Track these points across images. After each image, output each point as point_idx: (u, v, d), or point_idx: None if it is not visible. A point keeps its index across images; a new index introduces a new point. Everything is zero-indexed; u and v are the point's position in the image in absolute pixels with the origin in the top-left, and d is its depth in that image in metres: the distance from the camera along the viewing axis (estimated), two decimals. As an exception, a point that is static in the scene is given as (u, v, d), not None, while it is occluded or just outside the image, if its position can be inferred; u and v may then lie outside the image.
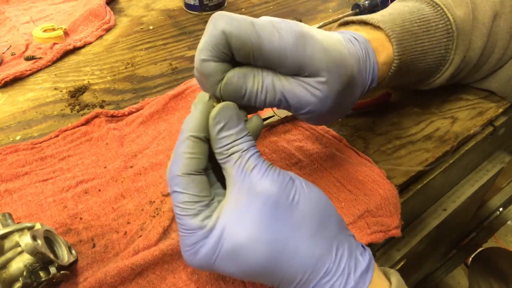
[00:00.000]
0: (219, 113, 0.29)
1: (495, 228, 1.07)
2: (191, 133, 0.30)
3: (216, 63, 0.30)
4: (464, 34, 0.45)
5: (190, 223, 0.29)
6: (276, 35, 0.30)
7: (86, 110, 0.55)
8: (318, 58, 0.31)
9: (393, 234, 0.41)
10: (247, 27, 0.29)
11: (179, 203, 0.29)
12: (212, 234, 0.29)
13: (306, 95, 0.32)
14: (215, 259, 0.29)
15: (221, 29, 0.29)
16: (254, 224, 0.28)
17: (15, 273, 0.31)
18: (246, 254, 0.28)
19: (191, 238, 0.29)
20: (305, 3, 0.83)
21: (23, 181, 0.44)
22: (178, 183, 0.29)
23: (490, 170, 0.66)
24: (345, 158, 0.46)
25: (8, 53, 0.67)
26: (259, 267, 0.28)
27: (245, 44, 0.29)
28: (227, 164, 0.30)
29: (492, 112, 0.52)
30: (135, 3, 0.86)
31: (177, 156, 0.30)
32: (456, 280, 1.36)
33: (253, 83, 0.31)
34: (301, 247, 0.29)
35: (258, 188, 0.28)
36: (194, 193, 0.29)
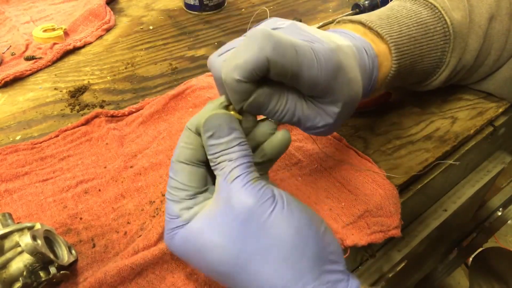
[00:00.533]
0: (208, 122, 0.30)
1: (495, 228, 1.07)
2: (189, 126, 0.31)
3: (249, 85, 0.29)
4: (461, 37, 0.45)
5: (170, 208, 0.31)
6: (315, 66, 0.30)
7: (86, 110, 0.55)
8: (344, 91, 0.33)
9: (393, 234, 0.41)
10: (292, 56, 0.28)
11: (168, 187, 0.31)
12: (187, 226, 0.30)
13: (320, 121, 0.33)
14: (185, 249, 0.30)
15: (266, 56, 0.27)
16: (223, 234, 0.28)
17: (15, 273, 0.31)
18: (211, 258, 0.29)
19: (170, 223, 0.31)
20: (305, 3, 0.83)
21: (23, 181, 0.44)
22: (171, 168, 0.31)
23: (491, 170, 0.66)
24: (345, 158, 0.46)
25: (8, 53, 0.67)
26: (222, 272, 0.29)
27: (286, 73, 0.29)
28: (216, 171, 0.30)
29: (492, 112, 0.52)
30: (135, 3, 0.86)
31: (177, 145, 0.32)
32: (456, 280, 1.36)
33: (276, 103, 0.31)
34: (264, 272, 0.27)
35: (233, 199, 0.28)
36: (182, 181, 0.30)
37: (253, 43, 0.28)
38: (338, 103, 0.33)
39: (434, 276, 1.11)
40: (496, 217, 1.03)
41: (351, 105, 0.34)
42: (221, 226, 0.28)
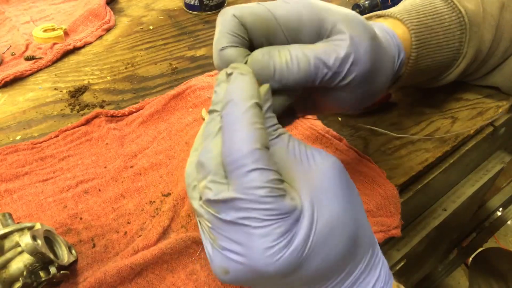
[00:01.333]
0: (268, 91, 0.27)
1: (495, 228, 1.07)
2: (255, 100, 0.25)
3: (235, 48, 0.28)
4: (476, 26, 0.45)
5: (282, 205, 0.23)
6: (288, 3, 0.29)
7: (86, 110, 0.55)
8: (333, 12, 0.30)
9: (393, 234, 0.41)
10: (257, 6, 0.29)
11: (266, 183, 0.23)
12: (303, 217, 0.24)
13: (338, 50, 0.29)
14: (308, 248, 0.24)
15: (231, 14, 0.28)
16: (340, 198, 0.25)
17: (15, 273, 0.31)
18: (340, 229, 0.25)
19: (285, 224, 0.23)
20: (305, 3, 0.83)
21: (23, 181, 0.44)
22: (258, 158, 0.23)
23: (490, 170, 0.66)
24: (345, 158, 0.46)
25: (8, 53, 0.67)
26: (346, 248, 0.26)
27: (258, 17, 0.28)
28: (276, 145, 0.26)
29: (492, 112, 0.52)
30: (135, 3, 0.86)
31: (242, 128, 0.24)
32: (456, 280, 1.36)
33: (280, 57, 0.28)
34: (366, 222, 0.28)
35: (330, 163, 0.26)
36: (277, 169, 0.25)
37: (218, 17, 0.29)
38: (340, 27, 0.29)
39: (434, 276, 1.12)
40: (496, 217, 1.03)
41: (363, 31, 0.30)
42: (336, 189, 0.26)
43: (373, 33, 0.31)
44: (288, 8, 0.29)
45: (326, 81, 0.30)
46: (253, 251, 0.24)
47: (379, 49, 0.33)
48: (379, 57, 0.33)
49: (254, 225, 0.23)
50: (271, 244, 0.23)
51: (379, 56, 0.33)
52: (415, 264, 0.80)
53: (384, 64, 0.34)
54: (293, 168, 0.26)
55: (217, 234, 0.25)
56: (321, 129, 0.49)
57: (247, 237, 0.24)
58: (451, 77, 0.48)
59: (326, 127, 0.49)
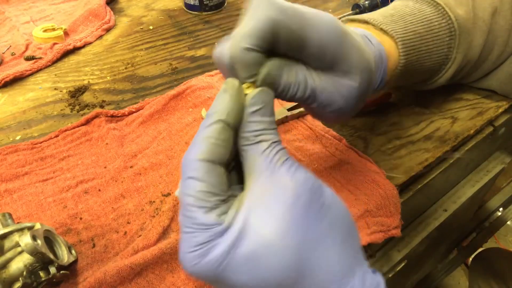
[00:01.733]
0: (258, 94, 0.27)
1: (495, 228, 1.07)
2: (222, 117, 0.26)
3: (259, 54, 0.27)
4: (466, 32, 0.45)
5: (203, 217, 0.24)
6: (323, 28, 0.28)
7: (86, 110, 0.55)
8: (354, 57, 0.31)
9: (393, 234, 0.41)
10: (298, 17, 0.27)
11: (195, 192, 0.25)
12: (230, 232, 0.24)
13: (335, 94, 0.31)
14: (225, 264, 0.24)
15: (272, 18, 0.26)
16: (283, 220, 0.24)
17: (15, 273, 0.31)
18: (270, 257, 0.24)
19: (201, 236, 0.24)
20: (305, 3, 0.83)
21: (23, 181, 0.44)
22: (196, 168, 0.25)
23: (491, 170, 0.66)
24: (345, 158, 0.46)
25: (8, 53, 0.67)
26: (280, 276, 0.24)
27: (294, 35, 0.28)
28: (252, 151, 0.26)
29: (492, 112, 0.52)
30: (135, 3, 0.86)
31: (200, 141, 0.26)
32: (456, 280, 1.36)
33: (287, 76, 0.29)
34: (330, 256, 0.25)
35: (290, 182, 0.25)
36: (214, 183, 0.25)
37: (257, 9, 0.27)
38: (353, 72, 0.31)
39: (434, 276, 1.12)
40: (496, 217, 1.03)
41: (367, 78, 0.32)
42: (281, 211, 0.24)
43: (372, 76, 0.33)
44: (323, 36, 0.29)
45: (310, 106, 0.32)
46: (180, 250, 0.26)
47: (370, 70, 0.34)
48: (369, 74, 0.34)
49: (183, 226, 0.25)
50: (189, 250, 0.25)
51: (370, 73, 0.34)
52: (415, 264, 0.80)
53: (370, 68, 0.35)
54: (255, 177, 0.26)
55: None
56: (321, 129, 0.49)
57: (181, 234, 0.26)
58: (441, 81, 0.48)
59: (326, 127, 0.49)
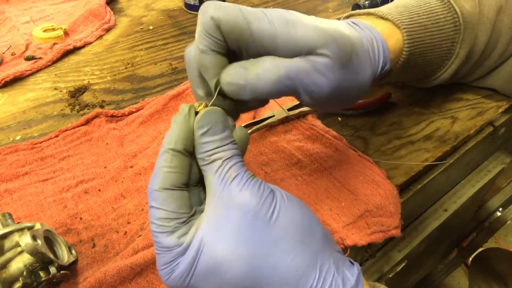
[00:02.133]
0: (203, 117, 0.29)
1: (495, 228, 1.07)
2: (170, 146, 0.28)
3: (215, 55, 0.29)
4: (471, 27, 0.45)
5: (165, 240, 0.27)
6: (265, 19, 0.29)
7: (86, 110, 0.55)
8: (311, 35, 0.30)
9: (393, 234, 0.41)
10: (235, 12, 0.29)
11: (155, 220, 0.28)
12: (189, 251, 0.27)
13: (311, 71, 0.30)
14: (190, 278, 0.27)
15: (210, 16, 0.28)
16: (232, 237, 0.27)
17: (15, 273, 0.31)
18: (224, 270, 0.27)
19: (166, 256, 0.27)
20: (305, 3, 0.83)
21: (23, 181, 0.44)
22: (155, 198, 0.28)
23: (491, 170, 0.66)
24: (345, 158, 0.46)
25: (8, 53, 0.67)
26: (238, 285, 0.27)
27: (234, 27, 0.29)
28: (208, 171, 0.28)
29: (492, 112, 0.52)
30: (135, 3, 0.86)
31: (156, 171, 0.28)
32: (456, 280, 1.36)
33: (251, 70, 0.30)
34: (282, 262, 0.27)
35: (237, 199, 0.27)
36: (171, 210, 0.28)
37: (199, 15, 0.30)
38: (318, 48, 0.30)
39: (434, 276, 1.12)
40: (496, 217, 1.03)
41: (341, 50, 0.31)
42: (230, 230, 0.27)
43: (346, 56, 0.32)
44: (264, 27, 0.29)
45: (296, 94, 0.32)
46: (156, 266, 0.29)
47: (353, 68, 0.33)
48: (354, 68, 0.33)
49: (155, 248, 0.29)
50: (160, 267, 0.28)
51: (355, 67, 0.33)
52: (415, 264, 0.80)
53: (360, 71, 0.34)
54: (210, 197, 0.28)
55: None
56: (321, 129, 0.49)
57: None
58: (445, 76, 0.48)
59: (326, 127, 0.49)
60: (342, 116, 0.52)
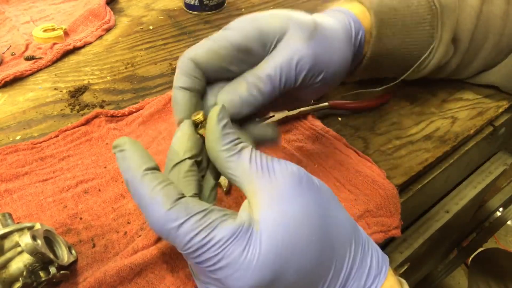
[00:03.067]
0: (222, 110, 0.29)
1: (495, 228, 1.07)
2: (144, 167, 0.27)
3: (185, 93, 0.31)
4: (449, 11, 0.45)
5: (225, 229, 0.25)
6: (237, 28, 0.33)
7: (86, 110, 0.55)
8: (270, 22, 0.33)
9: (393, 234, 0.41)
10: (210, 43, 0.33)
11: (196, 229, 0.25)
12: (262, 225, 0.26)
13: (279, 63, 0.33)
14: (277, 253, 0.25)
15: (187, 57, 0.32)
16: (300, 199, 0.27)
17: (15, 273, 0.31)
18: (303, 232, 0.26)
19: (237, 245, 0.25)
20: (305, 3, 0.83)
21: (23, 181, 0.44)
22: (177, 217, 0.25)
23: (493, 172, 0.66)
24: (345, 158, 0.46)
25: (8, 53, 0.67)
26: (317, 245, 0.26)
27: (214, 54, 0.32)
28: (238, 161, 0.28)
29: (492, 112, 0.52)
30: (135, 3, 0.86)
31: (149, 200, 0.26)
32: (456, 280, 1.36)
33: (240, 88, 0.32)
34: (339, 215, 0.29)
35: (288, 171, 0.28)
36: (200, 208, 0.26)
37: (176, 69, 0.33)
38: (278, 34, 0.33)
39: (434, 276, 1.12)
40: (496, 217, 1.03)
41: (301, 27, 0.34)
42: (297, 196, 0.27)
43: (310, 29, 0.34)
44: (239, 31, 0.32)
45: (286, 89, 0.34)
46: (226, 282, 0.25)
47: (323, 37, 0.35)
48: (325, 45, 0.35)
49: (214, 262, 0.25)
50: (235, 269, 0.25)
51: (326, 44, 0.35)
52: (416, 265, 0.80)
53: (334, 47, 0.36)
54: (255, 180, 0.27)
55: (196, 271, 0.29)
56: (321, 129, 0.49)
57: (215, 273, 0.25)
58: (433, 62, 0.47)
59: (326, 127, 0.49)
60: (342, 116, 0.52)
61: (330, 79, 0.36)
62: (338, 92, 0.56)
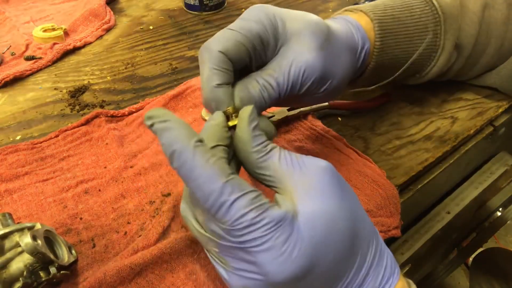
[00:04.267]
0: (253, 111, 0.29)
1: (495, 228, 1.07)
2: (195, 139, 0.27)
3: (227, 88, 0.32)
4: (452, 18, 0.45)
5: (274, 214, 0.25)
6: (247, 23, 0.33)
7: (86, 110, 0.55)
8: (288, 25, 0.34)
9: (393, 234, 0.41)
10: (235, 34, 0.32)
11: (247, 207, 0.25)
12: (302, 217, 0.26)
13: (287, 69, 0.34)
14: (316, 244, 0.26)
15: (217, 50, 0.31)
16: (335, 195, 0.27)
17: (15, 273, 0.31)
18: (339, 226, 0.27)
19: (283, 232, 0.25)
20: (305, 3, 0.83)
21: (23, 181, 0.44)
22: (232, 190, 0.25)
23: (494, 172, 0.66)
24: (345, 158, 0.46)
25: (8, 53, 0.67)
26: (349, 241, 0.27)
27: (242, 46, 0.32)
28: (269, 160, 0.28)
29: (492, 112, 0.52)
30: (135, 3, 0.86)
31: (202, 172, 0.25)
32: (456, 280, 1.36)
33: (253, 88, 0.33)
34: (364, 215, 0.30)
35: (320, 166, 0.28)
36: (251, 189, 0.26)
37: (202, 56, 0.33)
38: (294, 36, 0.34)
39: (434, 276, 1.11)
40: (496, 217, 1.03)
41: (314, 33, 0.34)
42: (329, 189, 0.27)
43: (323, 37, 0.35)
44: (258, 23, 0.33)
45: (291, 94, 0.35)
46: (266, 266, 0.25)
47: (333, 49, 0.36)
48: (333, 57, 0.36)
49: (258, 243, 0.25)
50: (278, 253, 0.25)
51: (334, 55, 0.36)
52: (416, 265, 0.79)
53: (341, 60, 0.37)
54: (287, 177, 0.28)
55: (227, 257, 0.27)
56: (321, 129, 0.49)
57: (256, 255, 0.25)
58: (435, 70, 0.48)
59: (326, 127, 0.49)
60: (342, 116, 0.52)
61: (332, 90, 0.37)
62: (338, 92, 0.56)
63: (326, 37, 0.35)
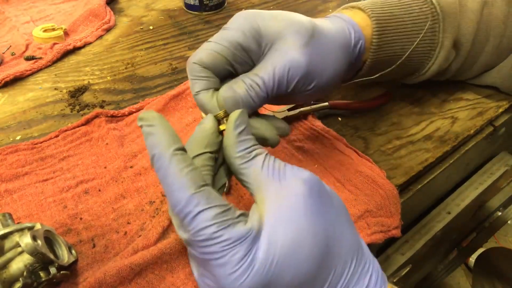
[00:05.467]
0: (240, 116, 0.30)
1: (495, 228, 1.07)
2: (175, 146, 0.27)
3: (205, 92, 0.33)
4: (451, 16, 0.45)
5: (235, 232, 0.26)
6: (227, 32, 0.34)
7: (86, 110, 0.55)
8: (267, 27, 0.34)
9: (393, 234, 0.41)
10: (212, 45, 0.34)
11: (210, 220, 0.26)
12: (264, 233, 0.26)
13: (273, 69, 0.34)
14: (274, 263, 0.26)
15: (192, 62, 0.33)
16: (308, 212, 0.27)
17: (15, 273, 0.31)
18: (304, 246, 0.26)
19: (240, 249, 0.25)
20: (305, 3, 0.83)
21: (23, 181, 0.44)
22: (198, 202, 0.26)
23: (494, 172, 0.66)
24: (345, 158, 0.46)
25: (8, 53, 0.67)
26: (317, 260, 0.27)
27: (217, 56, 0.33)
28: (251, 167, 0.29)
29: (492, 112, 0.52)
30: (135, 3, 0.86)
31: (174, 179, 0.26)
32: (456, 280, 1.36)
33: (239, 88, 0.33)
34: (345, 232, 0.29)
35: (300, 179, 0.28)
36: (219, 203, 0.26)
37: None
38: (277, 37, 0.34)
39: (434, 276, 1.11)
40: (496, 217, 1.03)
41: (298, 32, 0.35)
42: (304, 207, 0.27)
43: (308, 34, 0.35)
44: (238, 31, 0.34)
45: (278, 94, 0.35)
46: (220, 279, 0.26)
47: (319, 45, 0.36)
48: (320, 54, 0.36)
49: (215, 257, 0.26)
50: (232, 270, 0.25)
51: (321, 52, 0.36)
52: (416, 266, 0.79)
53: (330, 56, 0.37)
54: (265, 187, 0.28)
55: (195, 262, 0.30)
56: (321, 129, 0.49)
57: (212, 267, 0.26)
58: (434, 68, 0.48)
59: (326, 127, 0.49)
60: (342, 116, 0.52)
61: (323, 86, 0.37)
62: (338, 92, 0.56)
63: (310, 35, 0.35)
